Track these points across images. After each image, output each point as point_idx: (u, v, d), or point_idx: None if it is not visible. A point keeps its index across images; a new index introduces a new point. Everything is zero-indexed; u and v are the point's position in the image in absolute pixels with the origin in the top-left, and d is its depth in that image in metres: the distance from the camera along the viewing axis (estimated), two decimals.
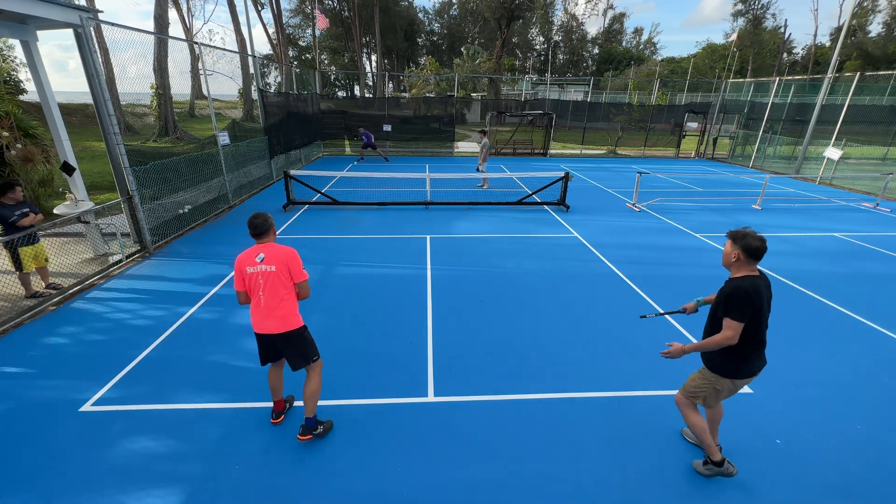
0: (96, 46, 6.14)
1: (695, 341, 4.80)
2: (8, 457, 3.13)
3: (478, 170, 12.18)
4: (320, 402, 3.53)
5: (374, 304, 5.54)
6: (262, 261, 3.08)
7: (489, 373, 4.20)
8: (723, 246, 7.84)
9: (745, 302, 2.56)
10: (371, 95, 41.70)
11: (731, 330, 2.60)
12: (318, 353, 3.29)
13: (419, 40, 58.31)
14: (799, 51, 57.25)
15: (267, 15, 60.12)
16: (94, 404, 3.68)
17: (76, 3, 5.99)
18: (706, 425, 2.97)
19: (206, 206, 9.00)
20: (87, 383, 3.92)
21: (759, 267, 2.86)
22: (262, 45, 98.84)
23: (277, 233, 3.41)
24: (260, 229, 3.17)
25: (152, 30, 18.71)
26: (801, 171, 15.53)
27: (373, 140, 17.19)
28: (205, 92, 10.82)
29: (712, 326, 2.82)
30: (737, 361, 2.76)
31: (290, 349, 3.17)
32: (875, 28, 49.43)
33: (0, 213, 5.05)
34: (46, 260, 5.62)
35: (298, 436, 3.27)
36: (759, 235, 2.63)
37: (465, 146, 22.21)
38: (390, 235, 8.26)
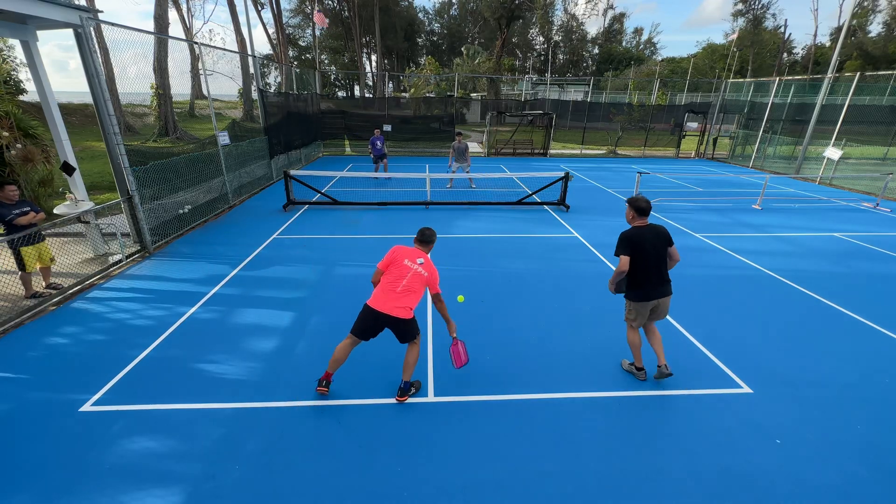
0: (96, 46, 6.14)
1: (692, 338, 4.80)
2: (8, 457, 3.13)
3: (466, 171, 12.11)
4: (324, 403, 3.52)
5: None
6: (421, 264, 3.70)
7: (489, 373, 4.20)
8: (724, 247, 7.88)
9: (623, 242, 3.83)
10: (371, 95, 41.72)
11: (620, 263, 3.78)
12: (419, 332, 3.82)
13: (419, 40, 58.28)
14: (799, 51, 57.29)
15: (267, 15, 60.11)
16: (93, 404, 3.68)
17: (76, 3, 5.99)
18: (640, 343, 4.07)
19: (206, 206, 9.00)
20: (87, 383, 3.92)
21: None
22: (262, 45, 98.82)
23: (278, 232, 3.53)
24: (429, 239, 3.88)
25: (152, 30, 18.72)
26: (801, 171, 15.54)
27: (384, 148, 13.36)
28: (205, 92, 10.82)
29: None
30: (636, 289, 3.87)
31: (400, 329, 3.67)
32: (875, 28, 49.48)
33: None
34: (52, 260, 5.62)
35: (397, 397, 3.78)
36: (644, 198, 3.91)
37: (455, 161, 22.17)
38: (390, 235, 8.26)
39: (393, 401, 3.78)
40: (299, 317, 5.17)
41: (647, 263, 3.77)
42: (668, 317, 5.32)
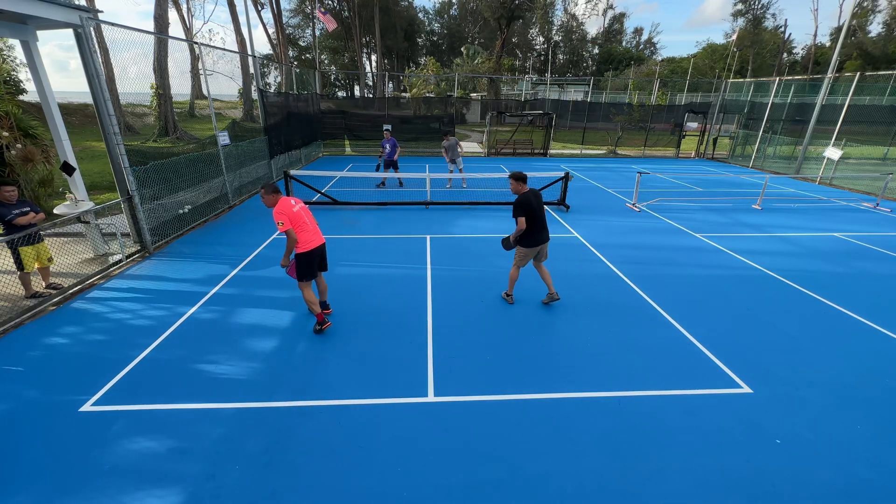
0: (96, 46, 6.14)
1: (692, 338, 4.80)
2: (8, 457, 3.13)
3: (460, 170, 12.15)
4: (324, 403, 3.52)
5: (375, 304, 5.54)
6: (295, 202, 4.65)
7: (489, 373, 4.20)
8: (724, 247, 7.88)
9: (521, 207, 4.93)
10: (371, 95, 41.72)
11: (519, 223, 4.94)
12: None
13: (419, 40, 58.28)
14: (799, 51, 57.30)
15: (267, 15, 60.14)
16: (93, 404, 3.68)
17: (76, 3, 5.99)
18: (517, 278, 5.51)
19: (206, 206, 9.00)
20: (87, 383, 3.92)
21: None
22: (262, 45, 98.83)
23: (278, 232, 3.72)
24: (279, 188, 4.60)
25: (152, 30, 18.71)
26: (801, 171, 15.53)
27: (394, 154, 11.96)
28: (205, 92, 10.82)
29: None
30: (528, 238, 5.09)
31: (324, 253, 4.88)
32: (875, 28, 49.46)
33: None
34: (50, 260, 5.62)
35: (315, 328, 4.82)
36: (519, 171, 5.14)
37: (465, 146, 22.18)
38: (390, 235, 8.26)
39: (393, 401, 3.78)
40: (299, 317, 5.17)
41: (535, 218, 4.98)
42: (667, 317, 5.34)
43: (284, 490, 2.92)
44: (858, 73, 14.37)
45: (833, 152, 13.59)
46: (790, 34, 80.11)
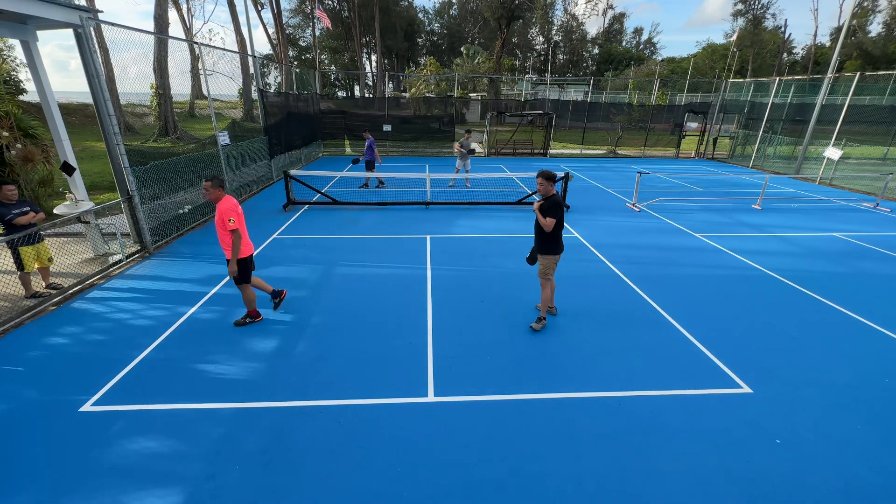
0: (96, 46, 6.14)
1: (692, 338, 4.80)
2: (8, 457, 3.13)
3: (466, 170, 12.21)
4: (325, 403, 3.51)
5: (374, 304, 5.54)
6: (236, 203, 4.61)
7: (489, 373, 4.20)
8: (724, 247, 7.87)
9: (559, 206, 4.58)
10: (371, 95, 41.72)
11: (549, 223, 4.55)
12: None
13: (419, 40, 58.29)
14: (799, 51, 57.30)
15: (267, 15, 60.13)
16: (94, 404, 3.68)
17: (76, 3, 5.99)
18: (553, 293, 5.16)
19: (206, 206, 8.99)
20: (87, 383, 3.92)
21: None
22: (262, 45, 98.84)
23: (278, 232, 3.74)
24: (225, 183, 4.41)
25: (152, 30, 18.71)
26: (801, 171, 15.54)
27: (375, 154, 12.29)
28: (205, 92, 10.82)
29: (537, 230, 4.84)
30: (556, 242, 4.78)
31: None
32: (875, 28, 49.47)
33: None
34: (50, 260, 5.62)
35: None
36: (549, 170, 4.63)
37: (458, 157, 22.20)
38: (390, 235, 8.26)
39: (393, 401, 3.78)
40: (299, 317, 5.17)
41: (562, 221, 4.77)
42: (667, 317, 5.34)
43: (284, 490, 2.92)
44: (858, 73, 14.37)
45: (833, 152, 13.58)
46: (790, 34, 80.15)
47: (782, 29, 52.81)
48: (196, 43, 9.91)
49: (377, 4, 40.87)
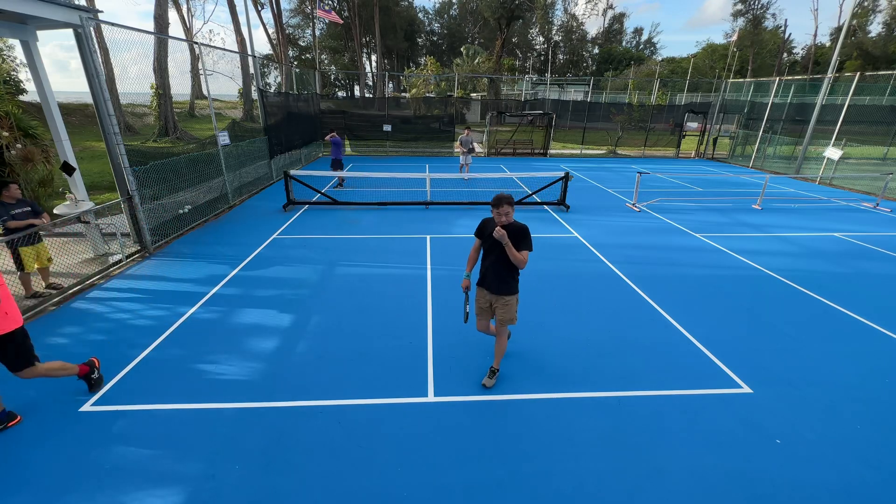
0: (96, 46, 6.14)
1: (692, 338, 4.79)
2: (8, 457, 3.13)
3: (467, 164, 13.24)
4: (325, 403, 3.49)
5: (374, 304, 5.54)
6: None
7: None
8: (724, 247, 7.87)
9: (529, 233, 3.69)
10: (371, 95, 41.73)
11: (526, 257, 3.61)
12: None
13: (419, 40, 58.33)
14: (799, 51, 57.30)
15: (267, 15, 60.16)
16: (94, 404, 3.68)
17: (76, 3, 5.99)
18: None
19: (206, 206, 9.00)
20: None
21: None
22: (262, 45, 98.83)
23: (278, 232, 3.58)
24: None
25: (152, 30, 18.71)
26: (801, 171, 15.53)
27: (341, 152, 12.20)
28: (205, 92, 10.82)
29: (507, 262, 3.64)
30: (518, 279, 3.81)
31: None
32: (875, 28, 49.45)
33: None
34: (49, 260, 5.62)
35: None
36: (503, 193, 3.68)
37: (461, 153, 22.22)
38: (390, 235, 8.26)
39: (393, 401, 3.78)
40: (299, 317, 5.17)
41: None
42: (668, 317, 5.33)
43: (284, 490, 2.92)
44: (858, 73, 14.37)
45: (833, 152, 13.59)
46: (790, 34, 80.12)
47: (782, 29, 52.81)
48: (196, 43, 9.91)
49: (377, 4, 40.90)
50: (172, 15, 27.93)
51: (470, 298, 3.96)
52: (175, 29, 48.12)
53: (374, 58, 51.09)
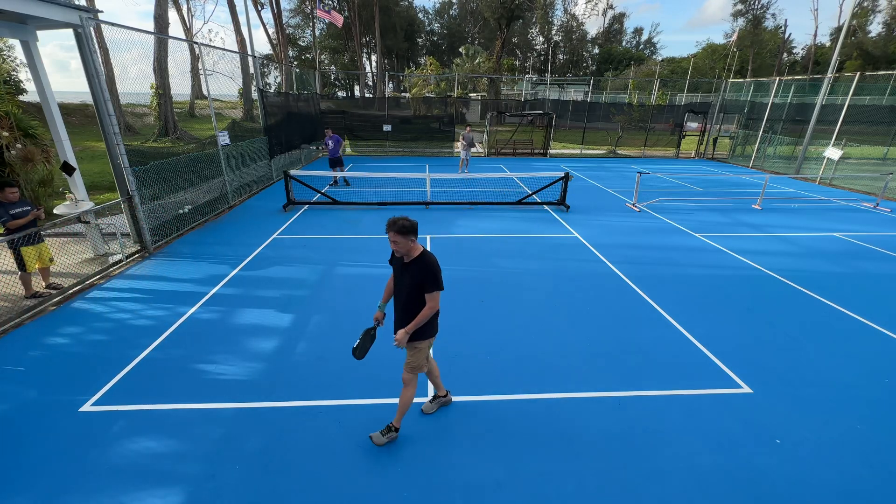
0: (96, 46, 6.14)
1: (692, 338, 4.79)
2: (8, 457, 3.13)
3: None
4: (325, 403, 3.49)
5: (374, 304, 5.52)
6: None
7: (489, 373, 4.20)
8: (724, 247, 7.86)
9: (439, 272, 3.01)
10: (371, 95, 41.73)
11: (436, 300, 3.01)
12: None
13: (419, 40, 58.34)
14: (799, 51, 57.27)
15: (267, 15, 60.10)
16: (94, 404, 3.68)
17: (76, 3, 5.99)
18: (413, 398, 3.32)
19: (206, 206, 9.00)
20: (87, 383, 3.92)
21: None
22: (262, 45, 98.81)
23: (278, 232, 3.55)
24: None
25: (152, 30, 18.71)
26: (801, 171, 15.53)
27: (340, 150, 12.33)
28: (205, 92, 10.83)
29: (412, 307, 3.03)
30: (435, 321, 3.21)
31: None
32: (875, 28, 49.42)
33: None
34: (51, 260, 5.62)
35: None
36: (405, 217, 2.99)
37: (462, 149, 22.20)
38: None
39: (393, 401, 3.77)
40: (299, 317, 5.17)
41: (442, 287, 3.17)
42: (668, 317, 5.33)
43: (284, 490, 2.92)
44: (858, 73, 14.37)
45: (833, 152, 13.59)
46: (790, 34, 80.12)
47: (782, 29, 52.82)
48: (196, 43, 9.91)
49: (377, 4, 40.90)
50: (172, 15, 27.95)
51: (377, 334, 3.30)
52: (175, 29, 48.11)
53: (374, 58, 51.12)
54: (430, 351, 3.34)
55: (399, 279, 3.12)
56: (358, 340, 3.23)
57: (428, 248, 7.51)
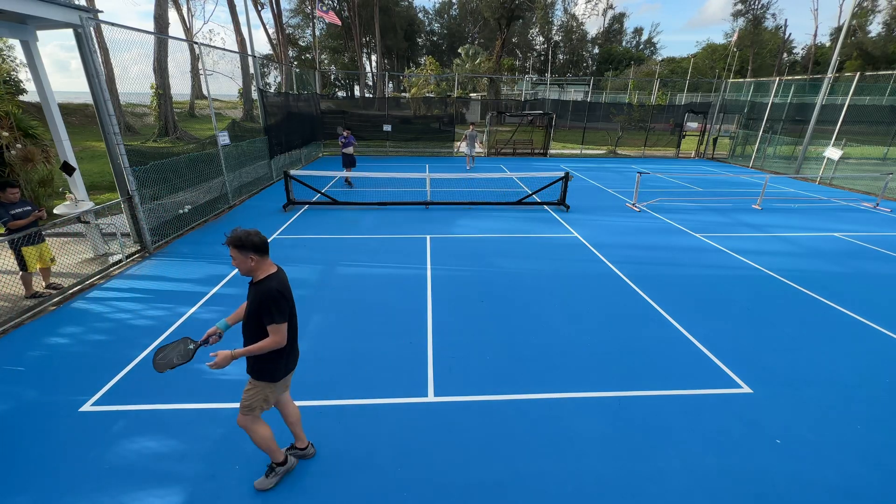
0: (96, 46, 6.14)
1: (692, 338, 4.79)
2: (8, 457, 3.13)
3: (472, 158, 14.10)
4: (325, 403, 3.49)
5: (374, 304, 5.54)
6: None
7: (489, 373, 4.20)
8: (724, 247, 7.87)
9: (281, 302, 2.50)
10: (371, 95, 41.73)
11: (279, 335, 2.51)
12: None
13: (419, 40, 58.32)
14: (799, 51, 57.25)
15: (267, 15, 60.11)
16: (94, 404, 3.68)
17: (76, 3, 5.99)
18: (271, 433, 2.84)
19: (206, 206, 9.00)
20: (87, 383, 3.92)
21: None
22: (262, 45, 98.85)
23: (278, 232, 3.50)
24: None
25: (152, 30, 18.71)
26: (801, 171, 15.53)
27: (352, 150, 12.34)
28: (205, 92, 10.83)
29: (254, 334, 2.58)
30: (279, 360, 2.67)
31: None
32: (875, 28, 49.40)
33: None
34: (52, 260, 5.62)
35: None
36: (253, 231, 2.49)
37: (465, 146, 22.20)
38: (390, 235, 8.26)
39: (393, 401, 3.78)
40: (299, 317, 5.15)
41: (294, 320, 2.75)
42: (667, 317, 5.33)
43: (284, 490, 2.92)
44: (858, 73, 14.37)
45: (833, 152, 13.59)
46: (790, 34, 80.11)
47: (782, 29, 52.82)
48: (196, 43, 9.91)
49: (377, 4, 40.90)
50: (172, 15, 27.93)
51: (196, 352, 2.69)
52: (175, 29, 48.13)
53: (374, 58, 51.11)
54: (288, 393, 2.95)
55: (248, 302, 2.61)
56: (169, 345, 2.67)
57: (428, 249, 7.56)
